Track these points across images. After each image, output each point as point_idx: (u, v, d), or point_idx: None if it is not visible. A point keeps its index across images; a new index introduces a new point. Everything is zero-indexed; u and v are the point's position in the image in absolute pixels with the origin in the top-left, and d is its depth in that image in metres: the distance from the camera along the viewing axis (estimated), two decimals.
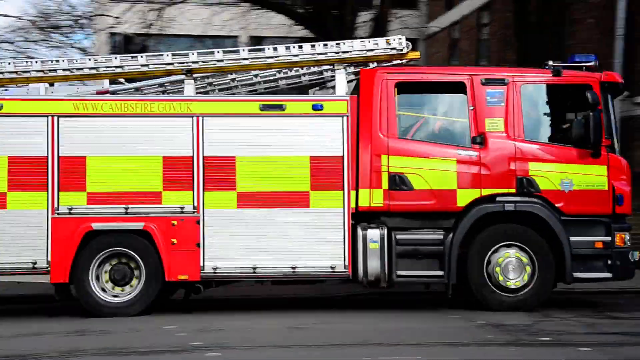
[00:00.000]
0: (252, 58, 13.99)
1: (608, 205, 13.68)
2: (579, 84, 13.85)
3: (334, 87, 14.44)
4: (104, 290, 13.58)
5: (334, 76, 14.30)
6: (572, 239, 13.56)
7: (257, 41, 33.61)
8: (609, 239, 13.62)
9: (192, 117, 13.59)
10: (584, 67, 14.06)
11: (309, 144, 13.65)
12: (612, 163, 13.76)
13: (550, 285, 13.75)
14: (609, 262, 13.64)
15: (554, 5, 23.94)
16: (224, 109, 13.72)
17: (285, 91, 15.03)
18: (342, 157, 13.60)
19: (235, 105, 13.79)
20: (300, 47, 14.05)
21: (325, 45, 14.07)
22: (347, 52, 13.93)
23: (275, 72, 14.75)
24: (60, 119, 13.50)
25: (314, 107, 13.67)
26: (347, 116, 13.63)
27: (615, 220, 13.74)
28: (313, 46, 14.03)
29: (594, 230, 13.68)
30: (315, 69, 14.81)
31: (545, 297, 13.67)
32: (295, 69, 14.73)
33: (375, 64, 14.29)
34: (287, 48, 14.01)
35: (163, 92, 14.74)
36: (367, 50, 13.98)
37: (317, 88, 15.23)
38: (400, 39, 14.03)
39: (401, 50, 13.96)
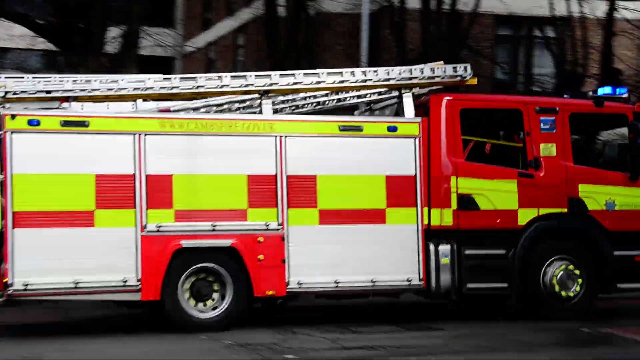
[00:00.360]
0: (329, 81, 14.50)
1: None
2: (617, 114, 15.25)
3: (379, 109, 15.26)
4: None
5: (378, 99, 15.11)
6: (616, 253, 14.89)
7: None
8: None
9: (275, 136, 13.96)
10: (617, 98, 15.47)
11: (384, 163, 14.32)
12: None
13: (597, 295, 15.04)
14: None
15: (302, 32, 25.62)
16: (305, 129, 14.18)
17: (334, 111, 15.58)
18: (415, 176, 14.35)
19: (316, 126, 14.28)
20: (376, 71, 14.70)
21: (391, 70, 14.78)
22: (416, 77, 14.70)
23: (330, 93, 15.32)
24: (146, 136, 13.53)
25: (389, 129, 14.36)
26: (419, 138, 14.41)
27: None
28: (386, 71, 14.70)
29: (635, 246, 15.08)
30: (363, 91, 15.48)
31: (592, 305, 14.94)
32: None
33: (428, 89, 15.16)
34: (364, 72, 14.63)
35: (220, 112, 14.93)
36: (435, 77, 14.80)
37: (362, 109, 15.91)
38: (466, 66, 14.96)
39: (465, 77, 14.88)
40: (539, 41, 29.35)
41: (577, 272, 14.79)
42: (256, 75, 14.29)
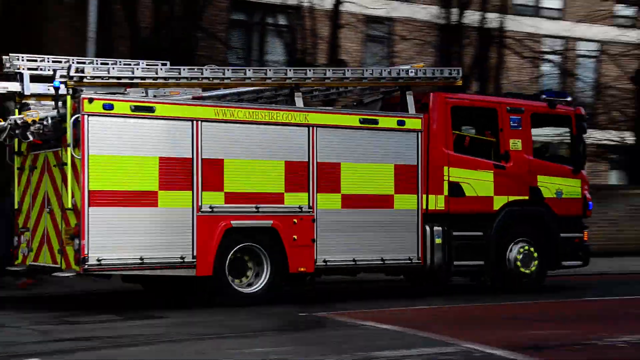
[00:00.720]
0: (352, 77, 16.01)
1: (581, 209, 17.92)
2: (565, 115, 17.87)
3: (371, 102, 17.03)
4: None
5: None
6: (561, 235, 17.59)
7: None
8: (582, 235, 17.89)
9: (308, 126, 15.34)
10: (563, 101, 18.08)
11: (393, 153, 16.09)
12: (583, 178, 17.98)
13: (547, 271, 17.68)
14: (580, 253, 17.92)
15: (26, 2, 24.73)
16: (333, 121, 15.65)
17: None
18: (417, 166, 16.24)
19: (341, 118, 15.78)
20: (389, 71, 16.38)
21: (396, 71, 16.55)
22: (420, 77, 16.53)
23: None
24: (203, 123, 14.49)
25: (398, 123, 16.14)
26: (421, 132, 16.29)
27: (584, 221, 18.06)
28: (397, 71, 16.43)
29: (574, 229, 17.84)
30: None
31: (543, 280, 17.58)
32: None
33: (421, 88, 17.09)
34: (380, 72, 16.25)
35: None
36: (435, 77, 16.69)
37: (355, 103, 17.54)
38: (458, 69, 16.95)
39: (456, 78, 16.87)
40: (271, 28, 29.68)
41: (535, 252, 17.32)
42: (293, 70, 15.52)
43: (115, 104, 13.85)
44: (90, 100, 13.62)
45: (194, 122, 14.41)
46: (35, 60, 15.60)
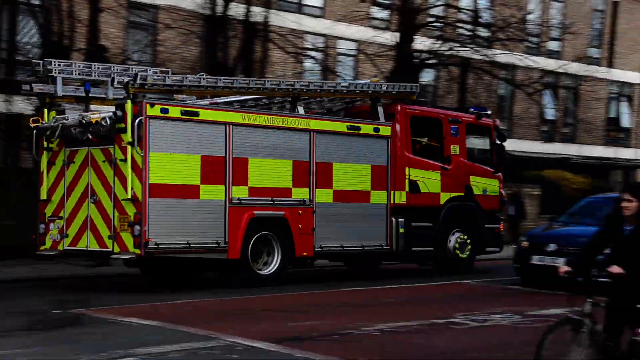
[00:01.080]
0: (342, 88, 18.73)
1: (498, 205, 21.41)
2: (487, 126, 21.29)
3: (338, 111, 19.78)
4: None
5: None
6: (486, 226, 20.98)
7: None
8: (499, 226, 21.39)
9: (310, 131, 17.88)
10: (485, 114, 21.47)
11: (370, 155, 18.85)
12: (499, 178, 21.46)
13: (475, 257, 20.99)
14: (498, 241, 21.40)
15: None
16: (327, 127, 18.25)
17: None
18: (387, 166, 19.08)
19: (334, 125, 18.39)
20: (368, 85, 19.13)
21: (367, 85, 19.32)
22: (390, 91, 19.38)
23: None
24: (233, 126, 16.71)
25: (374, 130, 18.93)
26: (390, 137, 19.14)
27: (498, 214, 21.59)
28: (368, 85, 19.22)
29: (494, 221, 21.29)
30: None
31: (473, 264, 20.88)
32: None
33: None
34: (362, 85, 19.03)
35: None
36: (400, 91, 19.58)
37: (325, 111, 20.13)
38: (416, 85, 19.97)
39: (415, 92, 19.85)
40: (24, 8, 27.43)
41: (468, 240, 20.59)
42: (299, 82, 18.04)
43: (170, 108, 15.92)
44: (152, 104, 15.58)
45: (227, 125, 16.63)
46: (70, 65, 17.18)
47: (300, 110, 18.13)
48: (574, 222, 18.75)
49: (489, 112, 21.90)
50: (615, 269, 8.25)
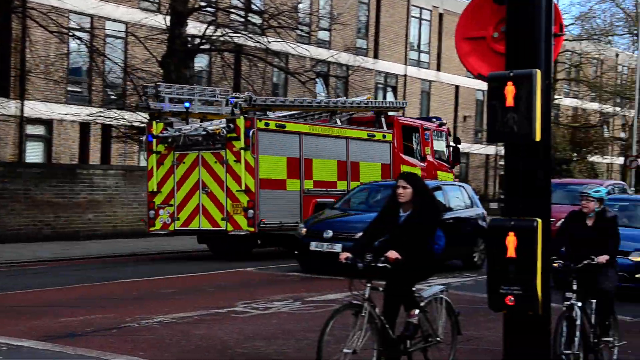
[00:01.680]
0: (363, 105, 24.73)
1: None
2: (444, 132, 27.71)
3: (344, 121, 25.71)
4: None
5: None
6: None
7: None
8: None
9: (346, 138, 23.68)
10: (443, 123, 27.86)
11: (380, 156, 24.76)
12: (453, 173, 27.90)
13: None
14: None
15: None
16: (356, 135, 24.01)
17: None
18: (389, 164, 25.06)
19: (360, 133, 24.16)
20: (375, 100, 25.19)
21: (372, 101, 25.29)
22: (388, 106, 25.46)
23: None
24: (303, 135, 22.31)
25: (383, 136, 24.86)
26: (391, 142, 25.14)
27: None
28: (373, 102, 25.22)
29: None
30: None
31: None
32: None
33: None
34: (375, 102, 25.12)
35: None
36: (395, 106, 25.66)
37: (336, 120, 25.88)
38: (405, 102, 26.14)
39: (404, 106, 26.00)
40: None
41: None
42: (340, 101, 24.02)
43: (270, 122, 21.41)
44: (260, 119, 21.02)
45: (300, 134, 22.21)
46: (181, 88, 22.55)
47: (338, 122, 23.95)
48: (349, 209, 20.10)
49: (445, 121, 28.31)
50: (392, 254, 8.51)
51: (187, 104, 21.81)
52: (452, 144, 27.82)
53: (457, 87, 53.68)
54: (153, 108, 21.80)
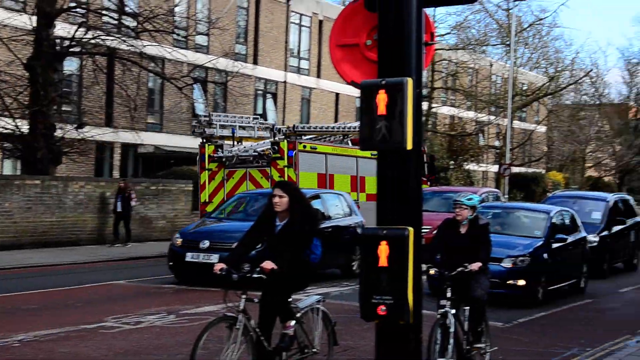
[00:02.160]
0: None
1: None
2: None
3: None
4: None
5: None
6: None
7: None
8: None
9: (356, 157, 27.65)
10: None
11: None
12: (427, 183, 29.96)
13: None
14: None
15: None
16: (363, 154, 25.59)
17: None
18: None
19: (366, 153, 24.75)
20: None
21: None
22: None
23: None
24: (328, 155, 26.56)
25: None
26: None
27: None
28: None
29: None
30: None
31: None
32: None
33: None
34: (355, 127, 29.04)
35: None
36: None
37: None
38: None
39: None
40: None
41: None
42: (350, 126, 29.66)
43: (307, 145, 26.09)
44: (300, 143, 25.56)
45: (325, 154, 26.60)
46: (227, 117, 27.77)
47: (349, 143, 29.04)
48: (226, 218, 19.55)
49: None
50: (268, 264, 8.40)
51: (234, 130, 26.37)
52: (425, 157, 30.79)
53: (337, 94, 53.58)
54: (207, 134, 25.98)
